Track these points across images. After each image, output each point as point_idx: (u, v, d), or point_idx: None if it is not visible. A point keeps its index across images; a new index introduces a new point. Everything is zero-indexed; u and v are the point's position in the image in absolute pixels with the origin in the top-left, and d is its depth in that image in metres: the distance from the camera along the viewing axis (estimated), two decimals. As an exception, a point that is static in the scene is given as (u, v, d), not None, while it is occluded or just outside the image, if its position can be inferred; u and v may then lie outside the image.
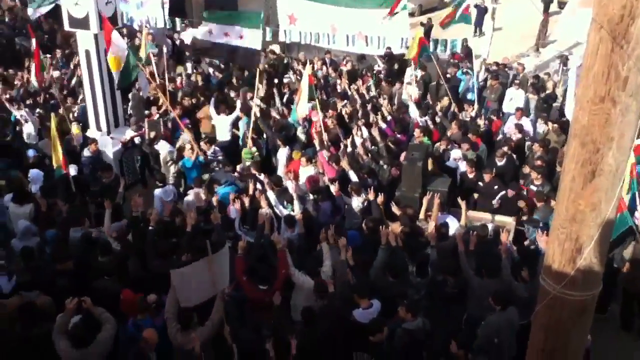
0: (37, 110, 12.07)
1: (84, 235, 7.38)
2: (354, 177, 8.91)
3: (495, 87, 13.05)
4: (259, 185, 8.84)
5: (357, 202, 8.37)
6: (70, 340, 5.48)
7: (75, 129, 10.90)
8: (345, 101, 12.46)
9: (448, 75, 14.09)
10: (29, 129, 11.16)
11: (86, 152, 10.30)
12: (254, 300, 6.44)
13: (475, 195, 9.29)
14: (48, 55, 15.43)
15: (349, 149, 10.02)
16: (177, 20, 18.01)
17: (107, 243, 7.21)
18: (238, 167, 10.13)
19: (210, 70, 15.10)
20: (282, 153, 10.24)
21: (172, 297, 5.90)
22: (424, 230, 7.66)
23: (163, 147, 10.54)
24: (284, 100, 12.93)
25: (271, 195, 8.47)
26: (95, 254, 6.97)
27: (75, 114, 12.00)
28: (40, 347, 5.68)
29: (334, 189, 8.45)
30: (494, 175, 9.18)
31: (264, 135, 11.13)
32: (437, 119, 11.53)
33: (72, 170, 9.37)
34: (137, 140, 10.90)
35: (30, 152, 10.13)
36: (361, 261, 6.74)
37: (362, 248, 7.17)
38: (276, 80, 14.07)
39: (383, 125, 10.90)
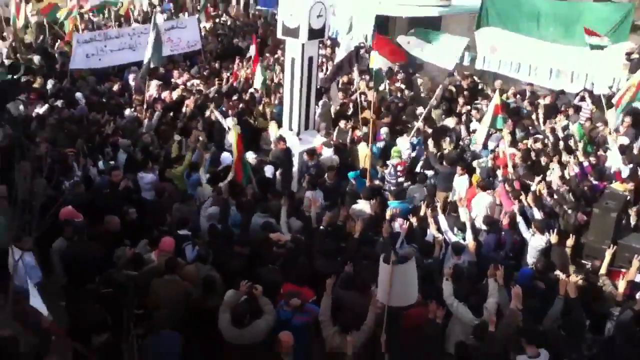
0: (240, 105, 13.21)
1: (266, 224, 7.85)
2: (537, 214, 8.38)
3: None
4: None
5: (539, 242, 7.85)
6: (231, 316, 5.89)
7: (272, 126, 11.73)
8: (537, 136, 11.77)
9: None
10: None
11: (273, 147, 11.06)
12: (412, 316, 6.30)
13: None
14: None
15: (533, 187, 9.43)
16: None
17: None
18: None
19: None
20: (462, 181, 9.95)
21: (327, 301, 6.09)
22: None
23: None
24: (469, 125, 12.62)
25: (442, 219, 8.30)
26: (271, 244, 7.41)
27: (272, 112, 12.95)
28: (210, 319, 6.14)
29: (505, 222, 8.01)
30: None
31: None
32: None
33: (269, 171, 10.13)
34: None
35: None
36: (532, 305, 6.28)
37: (532, 290, 6.68)
38: (467, 107, 13.79)
39: (576, 169, 10.08)
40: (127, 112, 12.43)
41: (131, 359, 4.99)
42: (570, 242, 7.79)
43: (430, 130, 12.10)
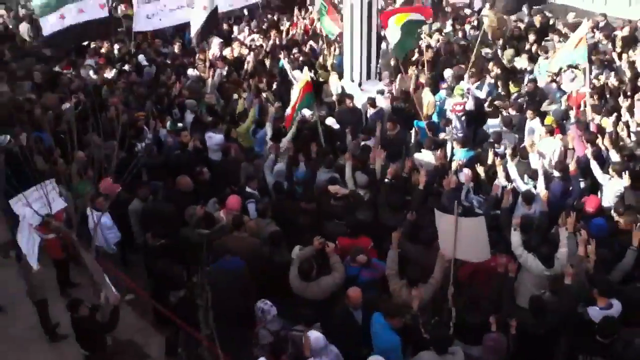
0: (301, 58, 13.09)
1: (331, 179, 7.88)
2: (615, 156, 7.94)
3: None
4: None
5: (617, 186, 7.48)
6: (298, 270, 6.05)
7: (334, 77, 11.59)
8: (612, 72, 11.03)
9: None
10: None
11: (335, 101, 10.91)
12: (481, 268, 6.21)
13: None
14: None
15: (609, 129, 8.90)
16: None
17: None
18: None
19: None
20: (534, 125, 9.45)
21: (393, 255, 6.13)
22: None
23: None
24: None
25: (512, 167, 8.03)
26: (329, 197, 7.48)
27: (333, 63, 12.74)
28: (281, 274, 6.35)
29: (572, 168, 7.70)
30: None
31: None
32: None
33: (332, 122, 10.07)
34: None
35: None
36: (604, 256, 6.05)
37: (608, 240, 6.43)
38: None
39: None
40: (190, 72, 12.59)
41: (206, 315, 5.24)
42: None
43: (499, 71, 11.56)
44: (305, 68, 10.64)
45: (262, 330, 5.74)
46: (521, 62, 12.21)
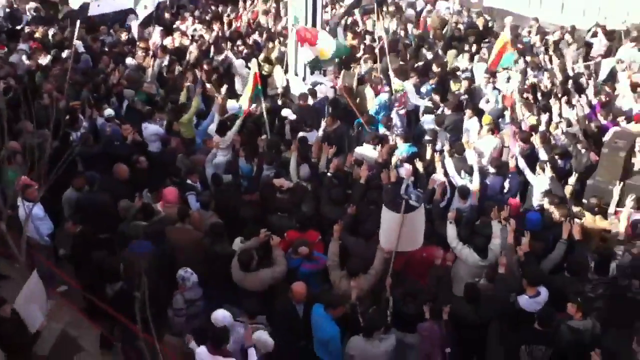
0: (245, 51, 12.99)
1: (275, 174, 7.92)
2: (543, 155, 8.33)
3: None
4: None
5: (543, 183, 7.82)
6: (237, 259, 6.05)
7: (278, 70, 11.60)
8: (545, 74, 11.55)
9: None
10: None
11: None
12: (409, 255, 6.39)
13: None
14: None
15: (542, 128, 9.33)
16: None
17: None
18: None
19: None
20: (472, 123, 9.78)
21: (335, 246, 6.22)
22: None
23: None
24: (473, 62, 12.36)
25: (449, 162, 8.29)
26: (274, 190, 7.50)
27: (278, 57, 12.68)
28: (222, 265, 6.32)
29: (512, 164, 8.05)
30: None
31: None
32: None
33: (289, 113, 10.01)
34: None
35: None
36: (537, 248, 6.36)
37: (543, 233, 6.76)
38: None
39: (587, 109, 9.92)
40: (129, 60, 12.24)
41: (143, 307, 5.13)
42: (572, 179, 7.73)
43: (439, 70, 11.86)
44: (253, 60, 10.58)
45: (178, 295, 6.02)
46: (463, 63, 12.58)
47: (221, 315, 5.32)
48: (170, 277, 6.18)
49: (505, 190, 7.98)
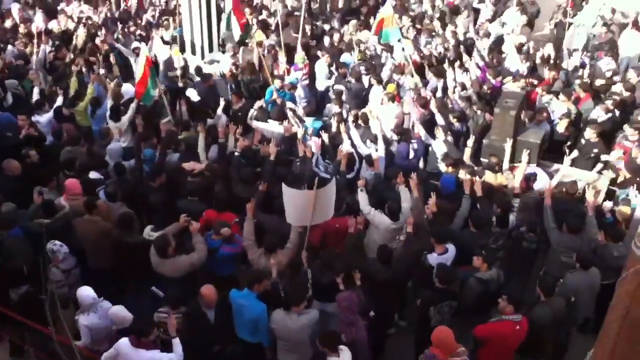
0: (138, 32, 12.44)
1: (183, 157, 7.75)
2: (440, 120, 8.71)
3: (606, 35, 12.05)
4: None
5: (441, 146, 8.20)
6: (154, 245, 5.91)
7: (175, 51, 11.20)
8: (436, 39, 12.01)
9: (555, 20, 13.11)
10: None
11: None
12: (324, 227, 6.50)
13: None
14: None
15: (439, 93, 9.73)
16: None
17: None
18: None
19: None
20: (375, 92, 9.95)
21: (249, 225, 6.20)
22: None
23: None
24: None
25: (354, 133, 8.46)
26: (185, 175, 7.34)
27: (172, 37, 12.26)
28: (134, 254, 6.18)
29: (416, 130, 8.31)
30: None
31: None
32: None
33: (193, 94, 9.74)
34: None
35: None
36: (444, 206, 6.67)
37: (456, 192, 7.09)
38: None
39: (477, 72, 10.45)
40: (10, 48, 11.35)
41: (52, 309, 4.92)
42: (470, 141, 8.17)
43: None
44: (142, 44, 10.15)
45: (54, 268, 6.00)
46: (364, 35, 12.76)
47: (85, 293, 5.37)
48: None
49: (410, 157, 8.27)
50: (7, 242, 6.05)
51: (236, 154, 7.65)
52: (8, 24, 12.91)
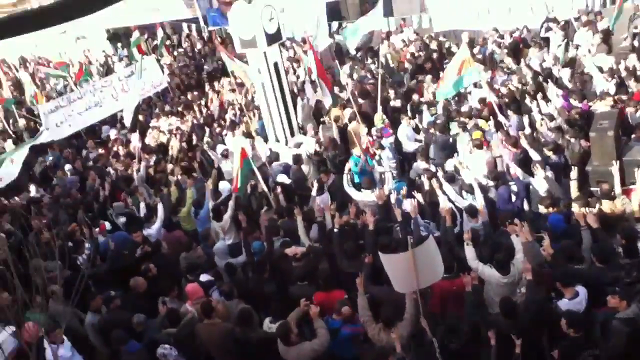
0: (224, 132, 13.16)
1: (283, 242, 7.91)
2: (535, 155, 8.40)
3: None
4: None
5: (542, 182, 7.84)
6: (277, 333, 5.98)
7: (259, 142, 11.75)
8: (510, 77, 11.80)
9: (633, 30, 12.55)
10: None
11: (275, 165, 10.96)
12: (441, 292, 6.33)
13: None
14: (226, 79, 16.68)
15: (527, 130, 9.46)
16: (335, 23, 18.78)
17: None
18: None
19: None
20: (463, 139, 9.84)
21: (363, 300, 6.13)
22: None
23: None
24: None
25: (448, 187, 8.32)
26: (289, 260, 7.46)
27: (257, 129, 12.86)
28: (259, 349, 6.25)
29: (512, 171, 8.09)
30: None
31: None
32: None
33: (284, 178, 10.15)
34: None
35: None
36: (566, 245, 6.31)
37: (568, 231, 6.74)
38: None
39: (560, 100, 10.11)
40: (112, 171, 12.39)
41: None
42: (574, 173, 7.77)
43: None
44: (236, 135, 10.73)
45: None
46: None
47: None
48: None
49: (513, 199, 7.98)
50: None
51: (335, 230, 7.72)
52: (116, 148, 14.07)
